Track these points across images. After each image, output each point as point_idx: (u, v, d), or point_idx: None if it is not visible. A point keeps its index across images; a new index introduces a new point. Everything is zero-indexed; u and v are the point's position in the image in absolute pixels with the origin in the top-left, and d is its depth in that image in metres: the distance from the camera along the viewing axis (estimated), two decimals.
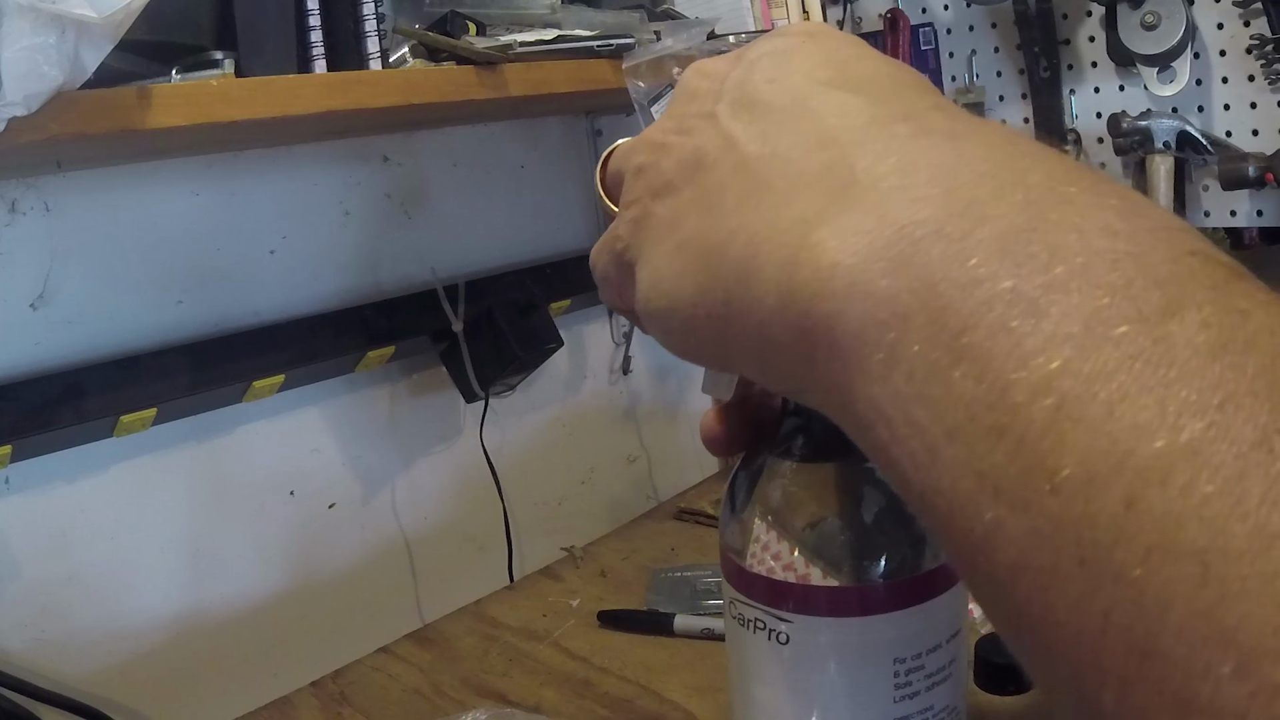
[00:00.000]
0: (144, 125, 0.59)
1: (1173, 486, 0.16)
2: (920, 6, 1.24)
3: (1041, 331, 0.18)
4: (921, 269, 0.20)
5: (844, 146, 0.23)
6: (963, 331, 0.19)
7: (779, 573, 0.36)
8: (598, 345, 1.24)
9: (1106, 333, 0.17)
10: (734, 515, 0.38)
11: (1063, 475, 0.17)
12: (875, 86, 0.25)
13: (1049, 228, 0.19)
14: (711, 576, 0.89)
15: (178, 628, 0.88)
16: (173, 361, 0.83)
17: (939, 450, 0.19)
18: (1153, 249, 0.19)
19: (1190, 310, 0.17)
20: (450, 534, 1.09)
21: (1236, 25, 1.01)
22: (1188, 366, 0.17)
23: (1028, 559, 0.18)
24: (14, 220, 0.77)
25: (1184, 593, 0.16)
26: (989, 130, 0.23)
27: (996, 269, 0.19)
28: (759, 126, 0.25)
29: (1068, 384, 0.17)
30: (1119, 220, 0.19)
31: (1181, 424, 0.16)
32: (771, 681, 0.37)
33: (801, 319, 0.22)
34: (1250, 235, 1.20)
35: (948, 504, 0.19)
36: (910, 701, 0.36)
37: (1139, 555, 0.16)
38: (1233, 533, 0.15)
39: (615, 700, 0.73)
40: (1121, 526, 0.16)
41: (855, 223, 0.21)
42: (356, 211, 0.99)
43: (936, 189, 0.21)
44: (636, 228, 0.29)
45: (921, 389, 0.19)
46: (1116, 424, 0.17)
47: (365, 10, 0.74)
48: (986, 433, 0.18)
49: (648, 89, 0.88)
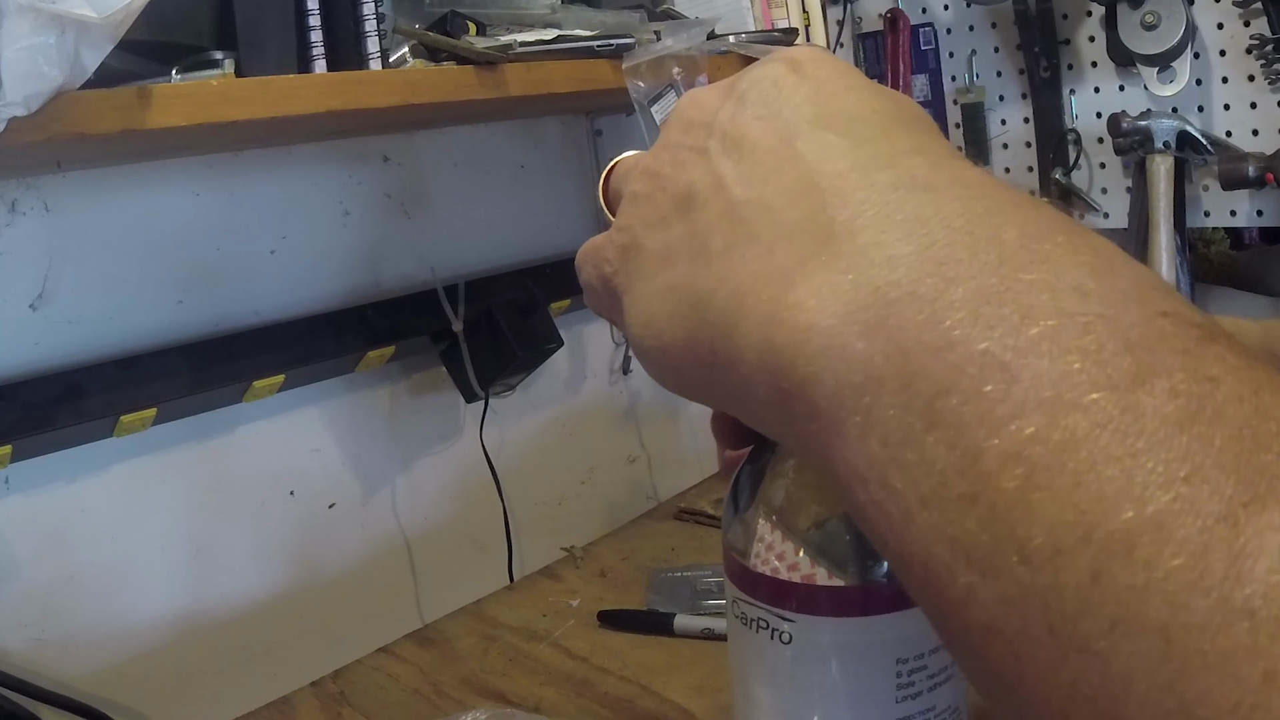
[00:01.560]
0: (144, 125, 0.59)
1: (1137, 560, 0.16)
2: (920, 6, 1.24)
3: (1012, 398, 0.18)
4: (895, 332, 0.20)
5: (824, 195, 0.23)
6: (935, 396, 0.19)
7: (783, 572, 0.36)
8: (598, 345, 1.24)
9: (1077, 399, 0.17)
10: (737, 515, 0.38)
11: (1032, 545, 0.17)
12: (861, 124, 0.25)
13: (1022, 288, 0.19)
14: (711, 576, 0.89)
15: (178, 628, 0.88)
16: (173, 361, 0.83)
17: (913, 515, 0.19)
18: (1125, 310, 0.19)
19: (1160, 378, 0.17)
20: (450, 534, 1.09)
21: (1236, 25, 1.01)
22: (1155, 437, 0.17)
23: (999, 624, 0.18)
24: (14, 220, 0.77)
25: (1146, 666, 0.16)
26: (968, 179, 0.23)
27: (969, 332, 0.19)
28: (746, 167, 0.25)
29: (1037, 452, 0.17)
30: (1092, 279, 0.19)
31: (1148, 497, 0.16)
32: (774, 681, 0.38)
33: (780, 380, 0.22)
34: (1250, 235, 1.20)
35: (923, 567, 0.19)
36: (913, 702, 0.36)
37: (1104, 627, 0.16)
38: (1195, 608, 0.16)
39: (615, 700, 0.73)
40: (1087, 598, 0.17)
41: (832, 282, 0.21)
42: (356, 211, 0.99)
43: (911, 246, 0.21)
44: (625, 256, 0.29)
45: (896, 454, 0.19)
46: (1084, 495, 0.17)
47: (365, 10, 0.74)
48: (959, 500, 0.18)
49: (648, 89, 0.88)
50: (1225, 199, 1.07)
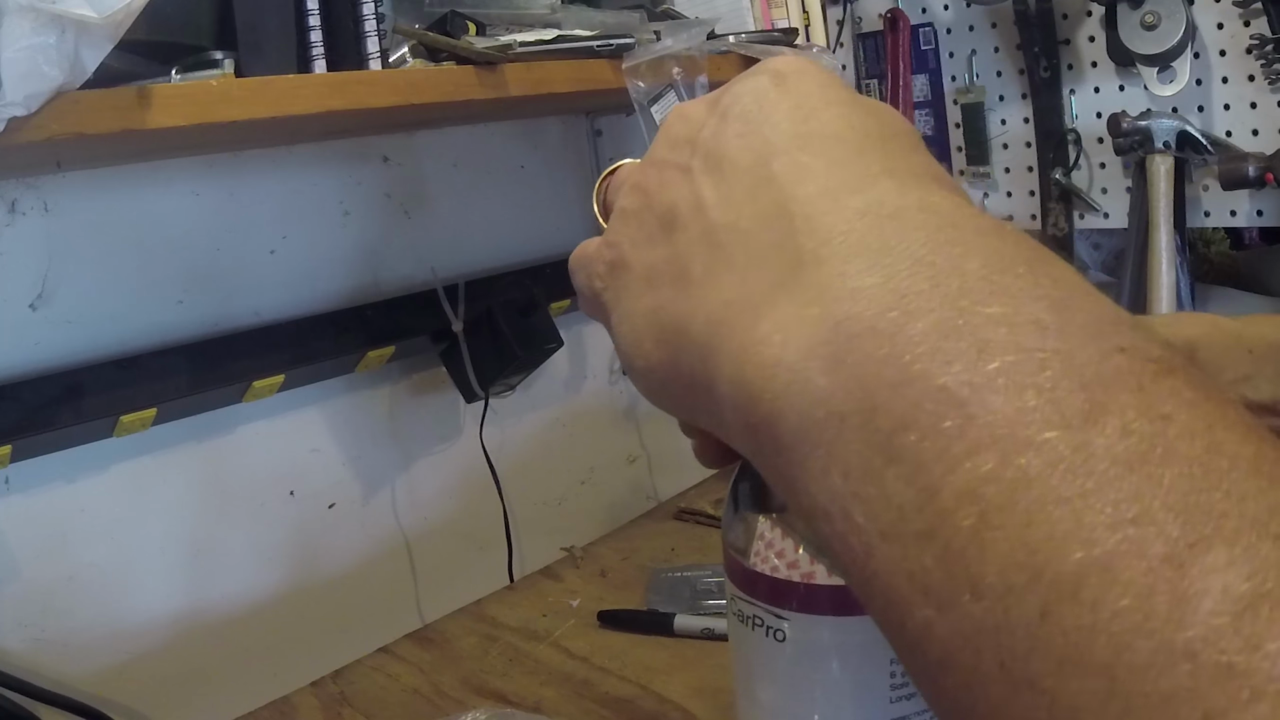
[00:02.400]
0: (144, 125, 0.59)
1: (1084, 601, 0.16)
2: (920, 6, 1.24)
3: (968, 436, 0.18)
4: (856, 367, 0.20)
5: (794, 221, 0.23)
6: (895, 431, 0.19)
7: (782, 571, 0.36)
8: (598, 345, 1.24)
9: (1030, 438, 0.18)
10: (737, 514, 0.39)
11: (985, 583, 0.18)
12: (837, 143, 0.25)
13: (980, 322, 0.19)
14: (711, 576, 0.89)
15: (178, 628, 0.88)
16: (173, 361, 0.83)
17: (874, 548, 0.20)
18: (1081, 346, 0.19)
19: (1113, 416, 0.18)
20: (450, 534, 1.09)
21: (1236, 25, 1.01)
22: (1105, 477, 0.17)
23: (954, 658, 0.18)
24: (14, 220, 0.77)
25: (1091, 705, 0.16)
26: (934, 204, 0.23)
27: (928, 366, 0.19)
28: (725, 189, 0.26)
29: (991, 491, 0.18)
30: (1050, 313, 0.19)
31: (1096, 538, 0.17)
32: (774, 680, 0.38)
33: (749, 414, 0.23)
34: (1250, 235, 1.20)
35: (884, 599, 0.20)
36: (908, 702, 0.36)
37: (1052, 666, 0.17)
38: (1138, 649, 0.16)
39: (615, 700, 0.73)
40: (1036, 636, 0.17)
41: (797, 315, 0.22)
42: (356, 211, 0.99)
43: (874, 278, 0.21)
44: (613, 274, 0.30)
45: (857, 488, 0.20)
46: (1034, 534, 0.17)
47: (365, 10, 0.74)
48: (917, 536, 0.19)
49: (648, 89, 0.88)
50: (1225, 199, 1.07)
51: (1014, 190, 1.24)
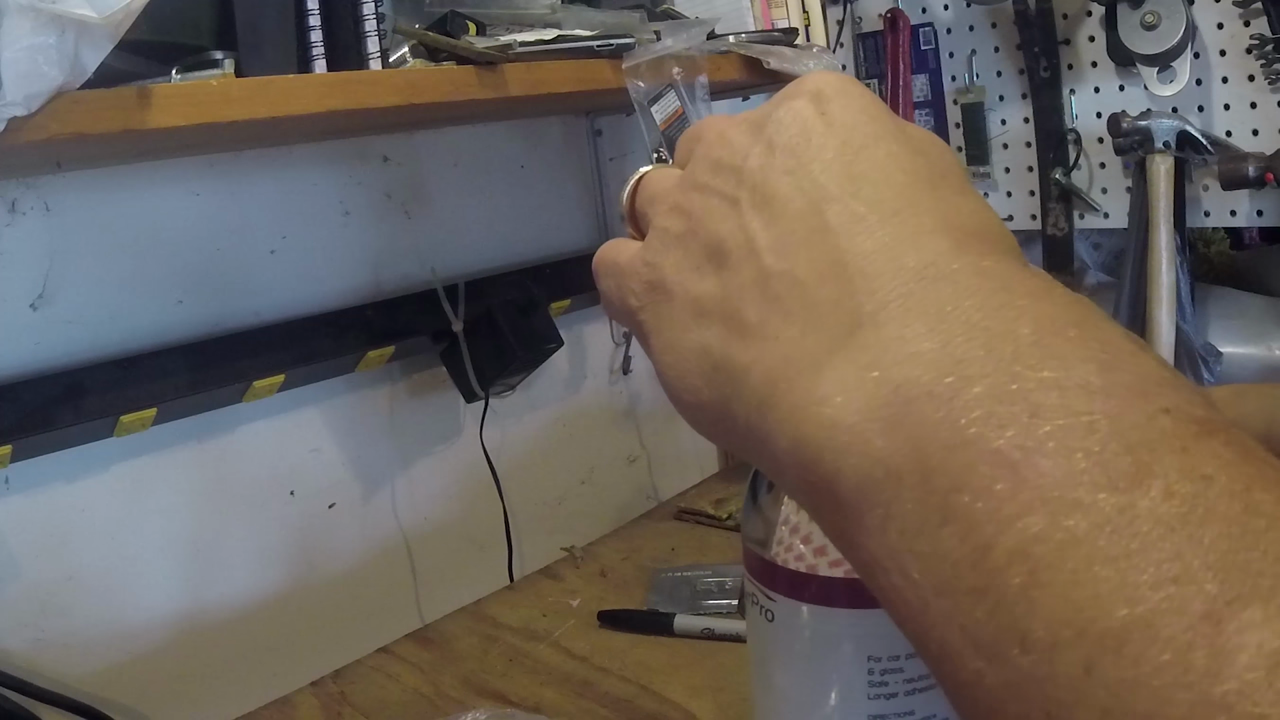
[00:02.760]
0: (144, 125, 0.59)
1: (1127, 656, 0.17)
2: (920, 6, 1.24)
3: (1020, 498, 0.19)
4: (914, 429, 0.21)
5: (853, 280, 0.24)
6: (950, 492, 0.20)
7: (801, 563, 0.37)
8: (598, 345, 1.24)
9: (1080, 499, 0.19)
10: (755, 507, 0.39)
11: (1033, 637, 0.19)
12: (889, 190, 0.25)
13: (1033, 386, 0.20)
14: (711, 576, 0.89)
15: (178, 628, 0.88)
16: (173, 361, 0.83)
17: (929, 603, 0.21)
18: (1128, 408, 0.20)
19: (1157, 478, 0.19)
20: (450, 534, 1.09)
21: (1236, 25, 1.01)
22: (1149, 538, 0.18)
23: (1003, 708, 0.19)
24: (14, 220, 0.77)
25: None
26: (986, 267, 0.23)
27: (983, 430, 0.20)
28: (777, 231, 0.26)
29: (1040, 550, 0.19)
30: (1099, 375, 0.20)
31: (1139, 596, 0.18)
32: (794, 669, 0.39)
33: (808, 472, 0.23)
34: (1250, 235, 1.20)
35: (938, 650, 0.21)
36: (887, 701, 0.37)
37: (1095, 716, 0.18)
38: (1178, 701, 0.17)
39: (615, 700, 0.73)
40: (1081, 689, 0.18)
41: (857, 377, 0.23)
42: (356, 211, 0.99)
43: (931, 343, 0.22)
44: (654, 296, 0.29)
45: (913, 545, 0.21)
46: (1081, 593, 0.18)
47: (365, 10, 0.74)
48: (969, 592, 0.20)
49: (648, 89, 0.88)
50: (1225, 199, 1.07)
51: (1014, 190, 1.24)
